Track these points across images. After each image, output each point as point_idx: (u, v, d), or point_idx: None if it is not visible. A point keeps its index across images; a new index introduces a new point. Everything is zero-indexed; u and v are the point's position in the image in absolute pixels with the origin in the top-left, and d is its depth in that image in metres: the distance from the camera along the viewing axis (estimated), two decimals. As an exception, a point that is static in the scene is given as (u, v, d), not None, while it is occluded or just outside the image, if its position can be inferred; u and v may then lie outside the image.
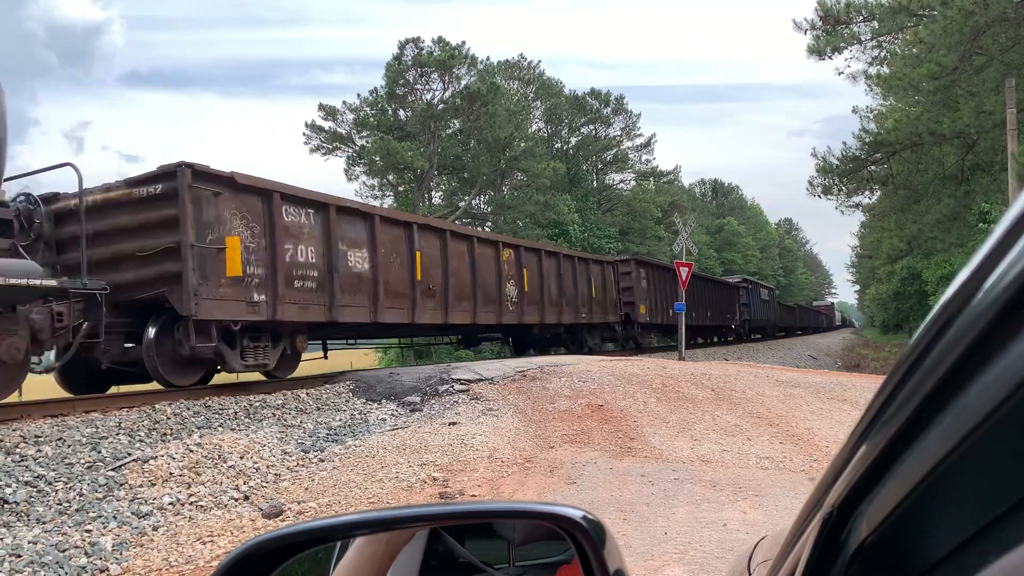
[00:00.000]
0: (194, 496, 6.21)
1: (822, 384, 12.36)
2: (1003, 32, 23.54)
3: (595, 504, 5.80)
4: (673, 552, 4.69)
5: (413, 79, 44.54)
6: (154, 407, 8.57)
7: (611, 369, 12.29)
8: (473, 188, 46.66)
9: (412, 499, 6.22)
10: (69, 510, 5.65)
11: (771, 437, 8.57)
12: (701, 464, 7.39)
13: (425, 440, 8.17)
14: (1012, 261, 0.45)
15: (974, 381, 0.49)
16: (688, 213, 53.15)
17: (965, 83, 24.79)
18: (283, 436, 8.28)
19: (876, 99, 34.04)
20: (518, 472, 7.08)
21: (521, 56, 52.66)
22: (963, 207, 28.62)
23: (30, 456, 6.46)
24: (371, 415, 9.81)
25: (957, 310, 0.51)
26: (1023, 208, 0.45)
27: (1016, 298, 0.44)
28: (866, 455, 0.66)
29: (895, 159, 29.71)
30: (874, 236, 49.37)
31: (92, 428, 7.45)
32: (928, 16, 25.13)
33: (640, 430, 8.79)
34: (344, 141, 45.65)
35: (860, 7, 27.46)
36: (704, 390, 11.14)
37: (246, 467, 7.03)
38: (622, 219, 55.01)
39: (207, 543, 5.24)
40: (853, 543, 0.71)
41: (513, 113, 45.61)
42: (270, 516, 5.82)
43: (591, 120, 56.57)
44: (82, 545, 5.05)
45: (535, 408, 9.99)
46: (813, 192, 32.62)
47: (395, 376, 12.09)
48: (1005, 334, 0.46)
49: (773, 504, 5.83)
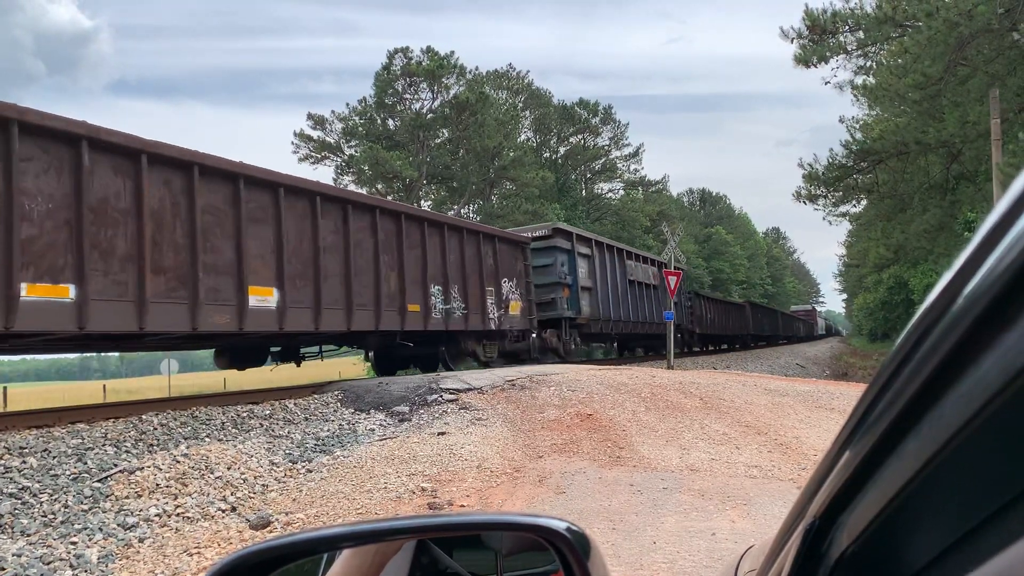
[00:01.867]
0: (181, 507, 6.16)
1: (810, 393, 12.39)
2: (987, 43, 23.77)
3: (584, 514, 5.79)
4: (662, 562, 4.68)
5: (402, 88, 44.66)
6: (140, 418, 8.51)
7: (600, 378, 12.30)
8: (462, 197, 46.72)
9: (400, 510, 6.19)
10: (54, 522, 5.59)
11: (759, 446, 8.59)
12: (690, 473, 7.39)
13: (414, 450, 8.14)
14: (985, 274, 0.45)
15: (950, 391, 0.49)
16: (676, 222, 53.31)
17: (950, 93, 25.04)
18: (271, 447, 8.23)
19: (862, 109, 34.36)
20: (507, 482, 7.06)
21: (510, 66, 52.99)
22: (949, 216, 28.84)
23: (14, 467, 6.40)
24: (359, 425, 9.77)
25: (933, 321, 0.51)
26: (996, 220, 0.46)
27: (990, 309, 0.45)
28: (846, 465, 0.66)
29: (881, 168, 29.95)
30: (861, 245, 49.72)
31: (78, 439, 7.39)
32: (913, 27, 25.36)
33: (629, 439, 8.79)
34: (333, 150, 45.65)
35: (846, 17, 27.68)
36: (693, 399, 11.15)
37: (233, 478, 6.99)
38: (611, 228, 55.14)
39: (194, 554, 5.19)
40: (835, 553, 0.71)
41: (502, 123, 45.78)
42: (258, 527, 5.78)
43: (580, 130, 56.84)
44: (67, 557, 5.01)
45: (524, 417, 9.97)
46: (799, 200, 32.86)
47: (384, 386, 12.05)
48: (979, 344, 0.46)
49: (762, 513, 5.83)
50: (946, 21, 22.41)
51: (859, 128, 33.10)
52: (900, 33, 26.77)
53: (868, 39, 28.19)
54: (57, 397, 31.01)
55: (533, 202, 44.79)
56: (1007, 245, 0.44)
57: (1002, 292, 0.44)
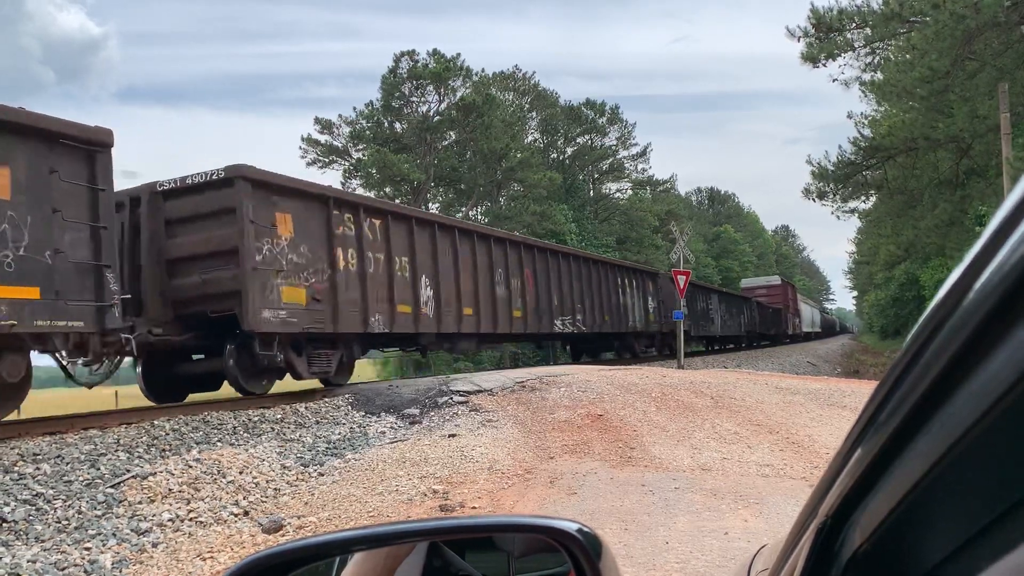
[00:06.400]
0: (193, 512, 6.18)
1: (821, 391, 12.34)
2: (995, 36, 23.66)
3: (596, 515, 5.79)
4: (675, 562, 4.67)
5: (409, 91, 44.73)
6: (152, 423, 8.54)
7: (610, 378, 12.28)
8: (470, 199, 46.76)
9: (412, 512, 6.19)
10: (68, 528, 5.62)
11: (771, 445, 8.56)
12: (702, 473, 7.37)
13: (425, 453, 8.15)
14: (995, 269, 0.45)
15: (962, 388, 0.49)
16: (685, 222, 53.18)
17: (958, 88, 24.91)
18: (282, 450, 8.25)
19: (870, 105, 34.21)
20: (518, 484, 7.06)
21: (516, 68, 52.94)
22: (960, 212, 28.69)
23: (28, 474, 6.44)
24: (370, 428, 9.79)
25: (944, 318, 0.51)
26: (1005, 216, 0.46)
27: (1001, 305, 0.45)
28: (858, 463, 0.66)
29: (890, 164, 29.82)
30: (871, 242, 49.42)
31: (91, 445, 7.42)
32: (920, 22, 25.27)
33: (640, 439, 8.77)
34: (340, 154, 45.74)
35: (853, 14, 27.61)
36: (703, 398, 11.13)
37: (245, 482, 7.01)
38: (619, 228, 55.09)
39: (207, 559, 5.21)
40: (847, 552, 0.71)
41: (509, 124, 45.78)
42: (270, 531, 5.80)
43: (586, 130, 56.74)
44: (81, 563, 5.03)
45: (534, 419, 9.97)
46: (809, 196, 32.76)
47: (394, 388, 12.07)
48: (990, 341, 0.46)
49: (774, 512, 5.81)
50: (953, 15, 22.32)
51: (867, 124, 32.99)
52: (907, 29, 26.68)
53: (875, 35, 28.09)
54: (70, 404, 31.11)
55: (541, 203, 44.76)
56: (1017, 240, 0.43)
57: (1013, 287, 0.43)
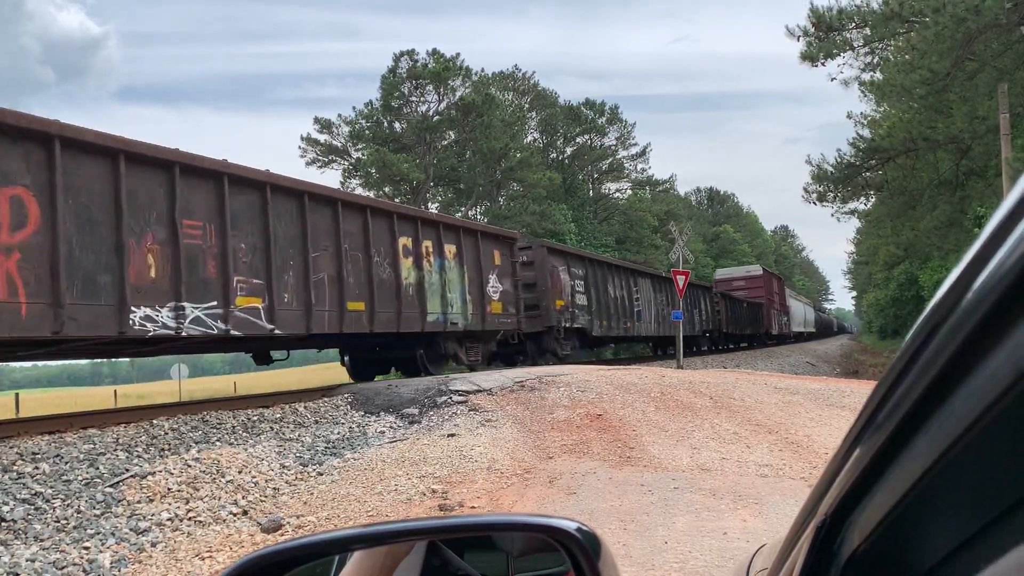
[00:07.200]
0: (192, 511, 6.18)
1: (820, 391, 12.34)
2: (995, 38, 23.67)
3: (595, 514, 5.79)
4: (674, 561, 4.67)
5: (408, 91, 44.72)
6: (152, 422, 8.54)
7: (609, 378, 12.27)
8: (469, 199, 46.74)
9: (411, 511, 6.20)
10: (67, 527, 5.62)
11: (770, 445, 8.56)
12: (701, 473, 7.37)
13: (424, 452, 8.15)
14: (993, 270, 0.45)
15: (960, 388, 0.49)
16: (684, 221, 53.15)
17: (958, 88, 24.92)
18: (281, 450, 8.25)
19: (870, 105, 34.22)
20: (517, 483, 7.06)
21: (515, 67, 52.96)
22: (959, 212, 28.70)
23: (27, 473, 6.44)
24: (369, 428, 9.78)
25: (942, 318, 0.51)
26: (1003, 216, 0.46)
27: (999, 305, 0.45)
28: (857, 463, 0.66)
29: (889, 165, 29.80)
30: (871, 242, 49.50)
31: (90, 444, 7.42)
32: (920, 22, 25.26)
33: (639, 439, 8.77)
34: (340, 154, 45.74)
35: (852, 13, 27.60)
36: (703, 398, 11.12)
37: (244, 481, 7.01)
38: (619, 228, 55.07)
39: (206, 558, 5.21)
40: (846, 551, 0.71)
41: (508, 124, 45.77)
42: (269, 530, 5.80)
43: (586, 130, 56.74)
44: (80, 562, 5.03)
45: (534, 418, 9.97)
46: (808, 199, 32.73)
47: (393, 388, 12.06)
48: (989, 341, 0.46)
49: (773, 512, 5.81)
50: (953, 16, 22.30)
51: (867, 124, 32.98)
52: (907, 29, 26.67)
53: (875, 35, 28.08)
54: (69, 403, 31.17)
55: (540, 203, 44.75)
56: (1015, 240, 0.44)
57: (1011, 288, 0.44)
